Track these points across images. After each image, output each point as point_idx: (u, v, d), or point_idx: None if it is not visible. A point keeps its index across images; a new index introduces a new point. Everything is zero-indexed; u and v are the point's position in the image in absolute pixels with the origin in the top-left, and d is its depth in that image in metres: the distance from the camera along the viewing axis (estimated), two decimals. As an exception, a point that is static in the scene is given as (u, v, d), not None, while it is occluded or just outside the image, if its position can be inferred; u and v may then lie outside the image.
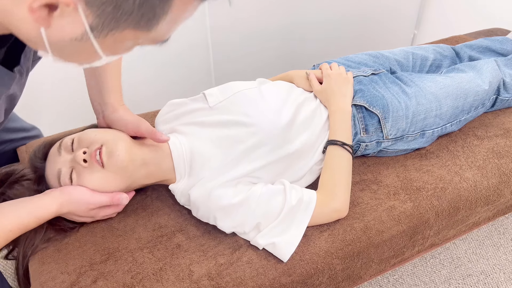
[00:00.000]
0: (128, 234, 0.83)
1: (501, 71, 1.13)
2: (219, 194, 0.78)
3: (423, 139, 1.02)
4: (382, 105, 0.97)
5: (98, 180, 0.76)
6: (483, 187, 0.96)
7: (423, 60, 1.21)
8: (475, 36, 1.61)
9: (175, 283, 0.74)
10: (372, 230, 0.85)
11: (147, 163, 0.82)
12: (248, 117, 0.86)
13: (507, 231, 1.47)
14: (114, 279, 0.74)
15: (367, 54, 1.17)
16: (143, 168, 0.82)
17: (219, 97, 0.92)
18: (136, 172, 0.81)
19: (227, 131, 0.86)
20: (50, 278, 0.74)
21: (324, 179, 0.86)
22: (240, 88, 0.93)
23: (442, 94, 1.01)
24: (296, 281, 0.77)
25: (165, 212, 0.88)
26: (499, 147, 1.05)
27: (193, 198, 0.80)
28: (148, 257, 0.78)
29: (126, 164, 0.78)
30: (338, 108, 0.94)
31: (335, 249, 0.81)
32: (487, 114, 1.17)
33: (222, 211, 0.78)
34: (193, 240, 0.82)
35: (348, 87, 0.99)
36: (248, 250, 0.79)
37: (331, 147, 0.90)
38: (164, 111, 0.99)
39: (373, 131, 0.97)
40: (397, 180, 0.96)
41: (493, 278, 1.31)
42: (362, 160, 1.02)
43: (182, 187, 0.84)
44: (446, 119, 1.03)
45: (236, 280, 0.75)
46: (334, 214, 0.83)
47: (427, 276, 1.31)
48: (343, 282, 0.86)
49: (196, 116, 0.91)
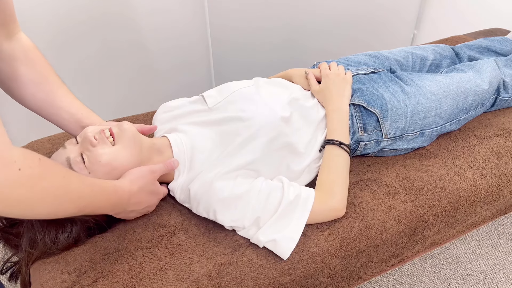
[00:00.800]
0: (128, 234, 0.83)
1: (500, 71, 1.13)
2: (220, 186, 0.78)
3: (423, 138, 1.03)
4: (381, 104, 0.97)
5: (110, 154, 0.76)
6: (483, 187, 0.96)
7: (423, 60, 1.22)
8: (475, 36, 1.61)
9: (175, 282, 0.74)
10: (371, 230, 0.85)
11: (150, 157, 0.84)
12: (244, 112, 0.88)
13: (506, 231, 1.47)
14: (114, 279, 0.74)
15: (367, 54, 1.17)
16: (148, 153, 0.83)
17: (218, 98, 0.94)
18: (144, 151, 0.82)
19: (225, 127, 0.87)
20: (50, 277, 0.74)
21: (321, 178, 0.87)
22: (237, 87, 0.95)
23: (442, 93, 1.01)
24: (296, 280, 0.77)
25: (165, 212, 0.88)
26: (498, 147, 1.05)
27: (193, 192, 0.81)
28: (148, 257, 0.78)
29: (135, 137, 0.79)
30: (336, 107, 0.95)
31: (335, 248, 0.81)
32: (487, 114, 1.18)
33: (222, 204, 0.78)
34: (193, 239, 0.82)
35: (346, 87, 0.99)
36: (248, 250, 0.80)
37: (328, 146, 0.90)
38: (159, 111, 1.01)
39: (372, 130, 0.97)
40: (396, 180, 0.96)
41: (492, 278, 1.31)
42: (361, 160, 1.03)
43: (182, 183, 0.85)
44: (445, 118, 1.03)
45: (236, 280, 0.75)
46: (332, 213, 0.83)
47: (427, 276, 1.31)
48: (343, 282, 0.87)
49: (196, 117, 0.93)
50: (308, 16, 1.96)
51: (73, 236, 0.77)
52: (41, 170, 0.53)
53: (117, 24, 1.59)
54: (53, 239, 0.75)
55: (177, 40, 1.74)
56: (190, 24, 1.73)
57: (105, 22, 1.56)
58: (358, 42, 2.17)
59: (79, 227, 0.77)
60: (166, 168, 0.82)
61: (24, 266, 0.77)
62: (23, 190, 0.50)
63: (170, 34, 1.71)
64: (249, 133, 0.85)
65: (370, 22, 2.14)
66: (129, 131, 0.79)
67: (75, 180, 0.61)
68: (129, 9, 1.58)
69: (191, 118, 0.93)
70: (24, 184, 0.50)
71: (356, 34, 2.14)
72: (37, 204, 0.54)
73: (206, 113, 0.92)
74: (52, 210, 0.58)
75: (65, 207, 0.59)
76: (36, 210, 0.55)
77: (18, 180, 0.49)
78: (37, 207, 0.54)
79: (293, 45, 2.02)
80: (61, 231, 0.75)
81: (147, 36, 1.68)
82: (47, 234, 0.74)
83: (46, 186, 0.54)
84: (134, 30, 1.64)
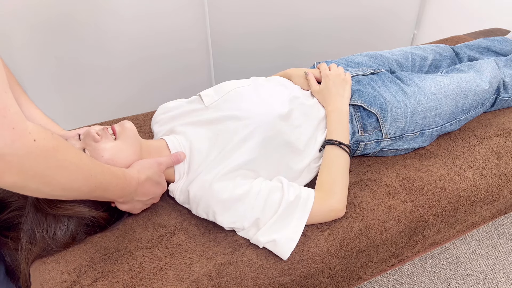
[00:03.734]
0: (128, 234, 0.83)
1: (500, 71, 1.13)
2: (219, 187, 0.78)
3: (423, 138, 1.03)
4: (380, 104, 0.97)
5: (112, 149, 0.77)
6: (483, 187, 0.96)
7: (423, 60, 1.22)
8: (475, 36, 1.62)
9: (175, 282, 0.74)
10: (371, 229, 0.85)
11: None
12: (241, 111, 0.88)
13: (506, 231, 1.47)
14: (114, 279, 0.74)
15: (366, 55, 1.17)
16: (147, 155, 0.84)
17: (214, 97, 0.94)
18: (144, 153, 0.84)
19: (222, 126, 0.87)
20: (50, 277, 0.74)
21: (321, 178, 0.87)
22: (234, 86, 0.95)
23: (442, 93, 1.01)
24: (296, 280, 0.77)
25: (165, 212, 0.88)
26: (498, 147, 1.05)
27: (192, 194, 0.81)
28: (148, 257, 0.78)
29: (136, 135, 0.82)
30: (335, 108, 0.95)
31: (335, 248, 0.81)
32: (487, 114, 1.18)
33: (222, 205, 0.78)
34: (193, 239, 0.82)
35: (346, 87, 0.99)
36: (248, 250, 0.80)
37: (328, 146, 0.90)
38: (158, 113, 1.02)
39: (372, 130, 0.97)
40: (396, 180, 0.96)
41: (492, 278, 1.31)
42: (361, 160, 1.03)
43: (182, 185, 0.85)
44: (445, 118, 1.03)
45: (236, 280, 0.75)
46: (332, 213, 0.83)
47: (427, 276, 1.31)
48: (343, 282, 0.87)
49: (193, 116, 0.93)
50: (309, 19, 1.96)
51: (70, 232, 0.77)
52: (55, 143, 0.54)
53: (119, 27, 1.59)
54: (52, 234, 0.75)
55: (178, 45, 1.75)
56: (191, 29, 1.74)
57: (106, 25, 1.56)
58: (358, 42, 2.17)
59: (75, 223, 0.77)
60: (172, 161, 0.84)
61: (25, 264, 0.77)
62: (39, 161, 0.51)
63: (172, 39, 1.72)
64: (246, 132, 0.85)
65: (370, 22, 2.14)
66: (130, 129, 0.81)
67: (86, 157, 0.62)
68: (131, 12, 1.58)
69: (189, 118, 0.93)
70: (40, 155, 0.51)
71: (356, 34, 2.14)
72: (52, 178, 0.54)
73: (203, 112, 0.92)
74: (67, 186, 0.58)
75: (78, 185, 0.60)
76: (51, 184, 0.55)
77: (34, 150, 0.50)
78: (52, 181, 0.55)
79: (294, 49, 2.02)
80: (59, 226, 0.76)
81: (149, 40, 1.68)
82: (45, 229, 0.75)
83: (60, 159, 0.55)
84: (136, 33, 1.64)
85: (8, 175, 0.49)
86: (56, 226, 0.75)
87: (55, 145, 0.54)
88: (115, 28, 1.58)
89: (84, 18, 1.51)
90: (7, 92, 0.48)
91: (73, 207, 0.74)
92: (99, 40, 1.58)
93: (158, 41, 1.70)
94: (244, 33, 1.86)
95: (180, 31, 1.71)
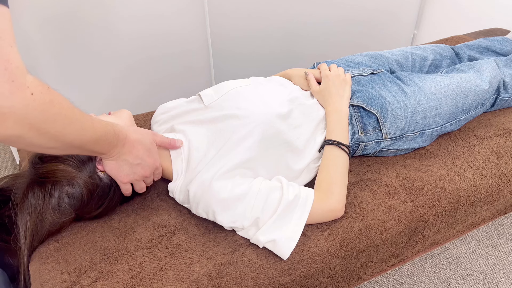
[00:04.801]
0: (128, 234, 0.83)
1: (500, 71, 1.13)
2: (218, 187, 0.78)
3: (423, 138, 1.03)
4: (380, 104, 0.97)
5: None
6: (483, 187, 0.96)
7: (423, 60, 1.22)
8: (475, 36, 1.62)
9: (175, 282, 0.74)
10: (371, 229, 0.85)
11: None
12: (240, 110, 0.88)
13: (506, 231, 1.47)
14: (114, 279, 0.74)
15: (366, 55, 1.17)
16: None
17: (214, 96, 0.94)
18: None
19: (221, 125, 0.87)
20: (50, 277, 0.74)
21: (320, 178, 0.87)
22: (233, 86, 0.95)
23: (442, 93, 1.01)
24: (296, 280, 0.77)
25: (165, 212, 0.88)
26: (498, 147, 1.05)
27: (192, 193, 0.81)
28: (148, 257, 0.78)
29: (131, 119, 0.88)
30: (335, 108, 0.95)
31: (335, 248, 0.81)
32: (487, 114, 1.18)
33: (221, 204, 0.78)
34: (193, 239, 0.82)
35: (346, 88, 0.99)
36: (248, 250, 0.80)
37: (327, 147, 0.90)
38: (157, 113, 1.03)
39: (372, 131, 0.97)
40: (396, 180, 0.96)
41: (492, 278, 1.31)
42: (361, 160, 1.03)
43: (180, 184, 0.85)
44: (445, 118, 1.03)
45: (236, 280, 0.75)
46: (331, 213, 0.83)
47: (427, 276, 1.31)
48: (343, 282, 0.87)
49: (192, 115, 0.93)
50: (309, 22, 1.96)
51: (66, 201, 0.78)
52: (51, 97, 0.56)
53: (119, 29, 1.59)
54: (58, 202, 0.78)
55: (179, 47, 1.75)
56: (192, 32, 1.74)
57: (106, 26, 1.56)
58: (358, 42, 2.17)
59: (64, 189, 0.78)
60: (168, 142, 0.85)
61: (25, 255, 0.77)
62: (36, 114, 0.53)
63: (172, 41, 1.72)
64: (245, 131, 0.84)
65: (371, 22, 2.14)
66: (125, 112, 0.89)
67: (78, 111, 0.63)
68: (131, 14, 1.58)
69: (188, 117, 0.93)
70: (36, 108, 0.52)
71: (356, 34, 2.14)
72: (46, 131, 0.56)
73: (202, 112, 0.92)
74: (60, 138, 0.60)
75: (71, 138, 0.62)
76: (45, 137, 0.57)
77: (31, 103, 0.52)
78: (46, 134, 0.56)
79: (294, 51, 2.02)
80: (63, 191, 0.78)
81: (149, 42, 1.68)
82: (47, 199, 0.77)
83: (55, 113, 0.56)
84: (136, 35, 1.64)
85: (4, 127, 0.51)
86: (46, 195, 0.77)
87: (51, 99, 0.55)
88: (115, 30, 1.58)
89: (84, 20, 1.51)
90: (13, 47, 0.50)
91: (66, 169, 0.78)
92: (99, 41, 1.58)
93: (158, 43, 1.70)
94: (244, 35, 1.86)
95: (180, 33, 1.72)
